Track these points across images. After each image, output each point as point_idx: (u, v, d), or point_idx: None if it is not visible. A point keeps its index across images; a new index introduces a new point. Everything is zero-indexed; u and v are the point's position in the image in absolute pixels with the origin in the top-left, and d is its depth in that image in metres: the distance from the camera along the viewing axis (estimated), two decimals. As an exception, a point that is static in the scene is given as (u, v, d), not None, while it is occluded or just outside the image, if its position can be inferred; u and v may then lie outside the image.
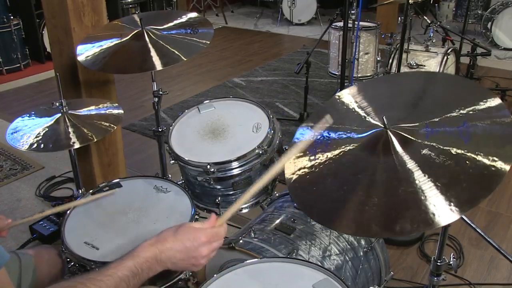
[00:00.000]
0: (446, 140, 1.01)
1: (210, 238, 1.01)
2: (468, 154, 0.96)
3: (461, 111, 1.06)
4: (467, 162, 0.94)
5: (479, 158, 0.94)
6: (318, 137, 1.20)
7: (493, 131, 0.99)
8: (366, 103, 1.25)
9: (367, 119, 1.20)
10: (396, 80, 1.42)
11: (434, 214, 0.89)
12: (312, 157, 1.15)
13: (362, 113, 1.23)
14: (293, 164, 1.17)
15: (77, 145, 1.58)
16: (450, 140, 1.01)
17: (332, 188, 1.06)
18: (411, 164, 0.99)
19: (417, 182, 0.95)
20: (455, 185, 0.92)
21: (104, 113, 1.79)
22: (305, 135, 1.26)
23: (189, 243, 0.99)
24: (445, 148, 0.99)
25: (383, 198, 0.97)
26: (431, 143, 1.01)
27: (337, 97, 1.32)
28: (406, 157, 1.01)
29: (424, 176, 0.96)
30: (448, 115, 1.07)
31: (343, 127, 1.20)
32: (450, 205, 0.89)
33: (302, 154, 1.18)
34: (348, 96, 1.30)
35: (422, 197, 0.92)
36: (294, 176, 1.15)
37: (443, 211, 0.88)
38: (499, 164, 0.91)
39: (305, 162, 1.16)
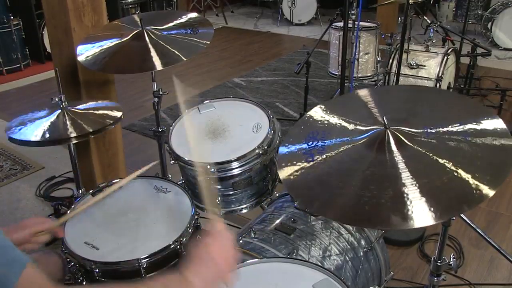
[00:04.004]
0: (442, 145, 1.06)
1: (213, 241, 1.00)
2: (458, 170, 0.99)
3: (460, 127, 1.11)
4: (455, 174, 0.98)
5: (466, 175, 0.98)
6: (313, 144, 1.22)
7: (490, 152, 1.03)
8: (372, 105, 1.29)
9: (367, 120, 1.22)
10: (402, 90, 1.49)
11: (411, 216, 0.92)
12: (310, 159, 1.17)
13: (362, 113, 1.25)
14: (289, 168, 1.18)
15: (74, 134, 1.58)
16: (446, 146, 1.06)
17: (332, 183, 1.08)
18: (401, 164, 1.03)
19: (403, 181, 0.99)
20: (436, 192, 0.96)
21: (103, 110, 1.79)
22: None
23: (203, 257, 0.97)
24: (438, 156, 1.03)
25: (374, 190, 1.00)
26: (428, 147, 1.06)
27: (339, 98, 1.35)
28: (399, 157, 1.05)
29: (411, 178, 0.99)
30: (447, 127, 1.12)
31: (341, 130, 1.22)
32: (429, 209, 0.92)
33: (299, 160, 1.19)
34: (360, 95, 1.35)
35: (403, 195, 0.96)
36: (292, 177, 1.16)
37: (419, 214, 0.92)
38: (484, 189, 0.95)
39: (303, 164, 1.17)
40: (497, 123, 1.09)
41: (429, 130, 1.11)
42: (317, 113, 1.33)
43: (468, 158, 1.01)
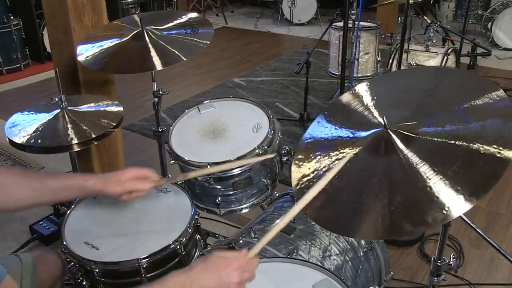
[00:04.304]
0: (446, 126, 1.02)
1: (242, 265, 0.98)
2: (471, 143, 0.95)
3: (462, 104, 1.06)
4: (473, 148, 0.94)
5: (483, 146, 0.93)
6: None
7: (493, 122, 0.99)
8: (366, 104, 1.25)
9: (366, 121, 1.19)
10: (397, 79, 1.41)
11: (448, 207, 0.88)
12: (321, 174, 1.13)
13: (362, 114, 1.22)
14: (300, 173, 1.15)
15: (75, 141, 1.59)
16: (451, 124, 1.01)
17: (350, 199, 1.04)
18: (415, 160, 0.99)
19: (425, 176, 0.95)
20: (465, 172, 0.91)
21: (103, 111, 1.80)
22: None
23: (220, 268, 0.96)
24: (447, 137, 0.99)
25: (401, 196, 0.96)
26: (433, 134, 1.01)
27: (338, 100, 1.32)
28: (410, 154, 1.01)
29: (433, 169, 0.95)
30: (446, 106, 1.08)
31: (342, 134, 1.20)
32: (463, 194, 0.88)
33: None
34: (348, 98, 1.30)
35: (434, 191, 0.92)
36: (303, 185, 1.12)
37: (456, 202, 0.88)
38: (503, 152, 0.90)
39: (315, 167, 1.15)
40: (499, 97, 1.03)
41: (430, 119, 1.06)
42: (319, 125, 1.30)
43: (478, 133, 0.97)
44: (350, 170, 1.08)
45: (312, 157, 1.19)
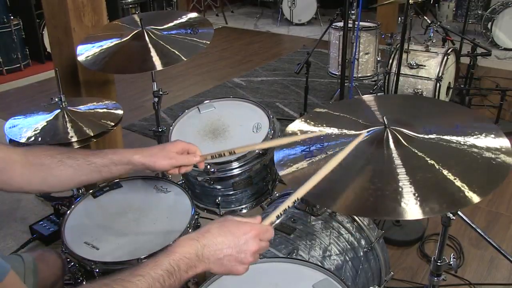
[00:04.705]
0: (437, 147, 1.11)
1: (259, 233, 0.90)
2: (446, 172, 1.02)
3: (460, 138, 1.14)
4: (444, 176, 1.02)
5: (454, 179, 1.00)
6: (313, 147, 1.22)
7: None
8: (375, 108, 1.34)
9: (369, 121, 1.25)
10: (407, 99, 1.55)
11: (404, 208, 0.95)
12: (309, 157, 1.18)
13: (364, 115, 1.29)
14: (291, 167, 1.18)
15: (74, 139, 1.59)
16: (441, 151, 1.10)
17: (333, 176, 1.07)
18: (397, 161, 1.08)
19: (399, 177, 1.03)
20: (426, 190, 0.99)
21: (103, 111, 1.80)
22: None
23: (237, 234, 0.88)
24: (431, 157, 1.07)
25: (382, 184, 1.03)
26: (423, 149, 1.10)
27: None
28: (395, 154, 1.10)
29: (405, 174, 1.03)
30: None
31: (340, 135, 1.24)
32: (420, 205, 0.96)
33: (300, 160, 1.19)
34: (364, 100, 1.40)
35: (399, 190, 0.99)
36: (293, 175, 1.15)
37: (412, 208, 0.95)
38: (471, 195, 0.96)
39: (304, 163, 1.17)
40: (498, 139, 1.11)
41: (427, 136, 1.14)
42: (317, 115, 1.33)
43: (461, 165, 1.04)
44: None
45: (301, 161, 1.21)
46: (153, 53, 1.81)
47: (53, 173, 1.10)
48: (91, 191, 1.57)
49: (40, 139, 1.61)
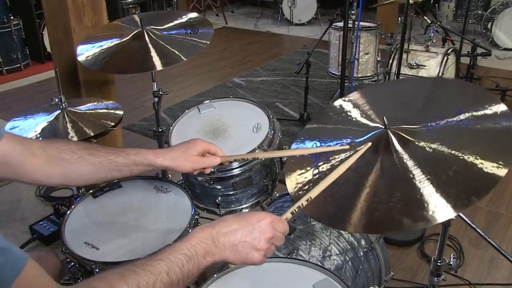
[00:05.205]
0: (445, 133, 1.04)
1: (273, 220, 0.91)
2: (466, 156, 0.97)
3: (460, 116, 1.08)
4: (466, 160, 0.96)
5: (475, 160, 0.95)
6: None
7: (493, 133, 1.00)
8: (367, 107, 1.27)
9: (367, 121, 1.21)
10: (398, 85, 1.44)
11: (432, 211, 0.90)
12: (316, 171, 1.14)
13: (362, 116, 1.24)
14: (295, 181, 1.16)
15: (75, 139, 1.59)
16: (449, 132, 1.04)
17: (346, 193, 1.05)
18: (410, 163, 1.01)
19: (416, 180, 0.97)
20: (452, 184, 0.93)
21: (103, 112, 1.80)
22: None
23: (252, 221, 0.89)
24: (443, 145, 1.01)
25: (388, 196, 0.98)
26: (431, 140, 1.04)
27: (336, 103, 1.33)
28: (405, 156, 1.03)
29: (423, 174, 0.97)
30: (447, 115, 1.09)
31: (340, 135, 1.21)
32: (447, 203, 0.90)
33: (304, 171, 1.17)
34: (348, 102, 1.32)
35: (420, 195, 0.94)
36: (300, 192, 1.12)
37: (440, 209, 0.90)
38: (496, 169, 0.92)
39: (309, 177, 1.15)
40: (497, 107, 1.06)
41: (429, 124, 1.09)
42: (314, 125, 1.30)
43: (474, 143, 0.99)
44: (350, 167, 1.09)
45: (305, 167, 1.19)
46: (153, 53, 1.81)
47: (72, 168, 1.11)
48: (91, 191, 1.57)
49: (41, 139, 1.61)
